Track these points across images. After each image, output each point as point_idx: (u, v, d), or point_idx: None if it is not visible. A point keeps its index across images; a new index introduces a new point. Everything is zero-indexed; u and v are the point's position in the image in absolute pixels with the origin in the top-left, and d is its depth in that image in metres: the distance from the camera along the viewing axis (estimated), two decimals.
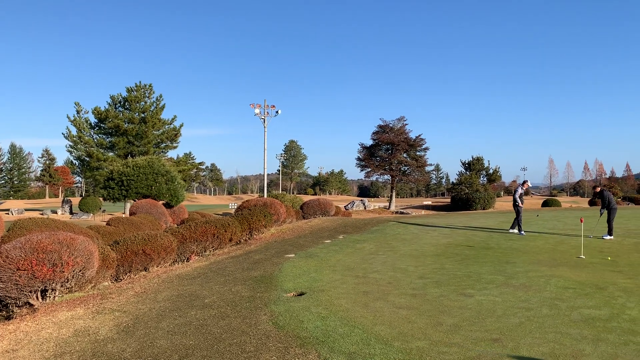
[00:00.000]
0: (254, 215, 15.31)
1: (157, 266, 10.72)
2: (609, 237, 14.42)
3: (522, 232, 16.07)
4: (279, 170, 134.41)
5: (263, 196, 41.41)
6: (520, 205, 16.28)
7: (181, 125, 51.63)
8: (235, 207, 20.11)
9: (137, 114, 49.50)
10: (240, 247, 13.59)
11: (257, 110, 44.50)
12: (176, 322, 6.35)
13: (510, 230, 16.26)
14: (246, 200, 19.25)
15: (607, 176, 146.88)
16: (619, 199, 50.03)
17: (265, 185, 47.77)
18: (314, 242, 13.87)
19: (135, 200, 27.41)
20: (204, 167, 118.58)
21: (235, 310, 6.76)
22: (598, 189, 16.03)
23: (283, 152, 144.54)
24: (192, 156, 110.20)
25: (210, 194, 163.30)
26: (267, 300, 7.28)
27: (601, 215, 15.25)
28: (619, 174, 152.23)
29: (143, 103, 50.51)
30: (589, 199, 61.00)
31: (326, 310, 6.56)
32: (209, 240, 12.47)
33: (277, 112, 45.30)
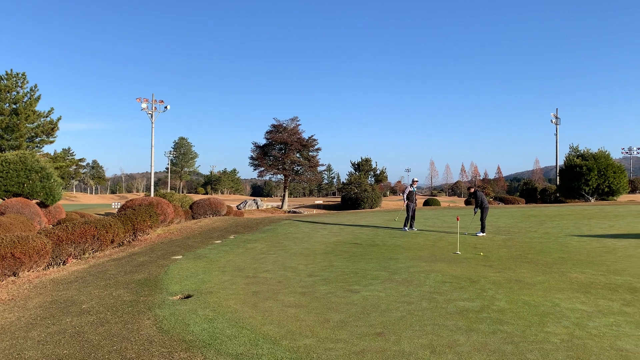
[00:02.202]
0: (138, 215, 14.59)
1: (29, 270, 9.81)
2: (482, 234, 15.64)
3: (406, 228, 16.93)
4: (167, 169, 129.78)
5: (150, 195, 39.64)
6: (408, 203, 17.16)
7: (59, 119, 47.71)
8: (119, 206, 19.02)
9: (7, 104, 45.03)
10: (123, 249, 12.89)
11: (144, 105, 42.57)
12: (48, 330, 5.85)
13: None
14: (130, 200, 18.30)
15: (481, 178, 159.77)
16: (491, 199, 54.42)
17: (152, 183, 45.86)
18: (203, 243, 13.54)
19: (4, 199, 24.92)
20: (84, 163, 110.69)
21: (116, 316, 6.38)
22: (472, 190, 17.33)
23: (172, 150, 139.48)
24: (71, 152, 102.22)
25: (91, 193, 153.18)
26: (152, 304, 6.96)
27: (475, 213, 16.50)
28: (492, 175, 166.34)
29: (15, 93, 46.02)
30: (465, 198, 65.86)
31: (214, 312, 6.42)
32: (88, 242, 11.66)
33: (165, 107, 43.69)
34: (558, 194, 51.66)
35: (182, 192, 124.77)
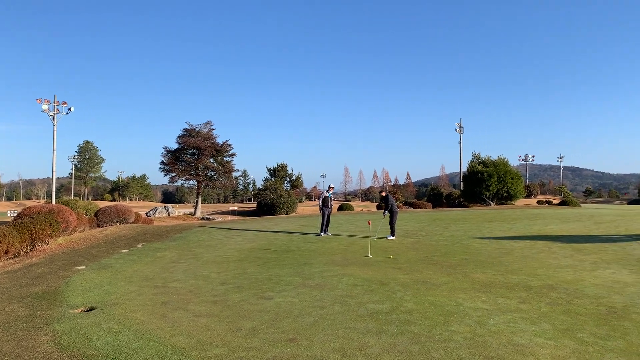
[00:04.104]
0: (37, 223, 13.60)
1: None
2: (391, 238, 16.16)
3: (322, 233, 17.12)
4: (71, 174, 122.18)
5: (51, 202, 37.15)
6: (323, 208, 17.37)
7: None
8: (15, 214, 17.62)
9: None
10: (19, 260, 11.94)
11: (45, 106, 39.89)
12: None
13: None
14: (29, 207, 17.01)
15: (392, 183, 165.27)
16: (401, 204, 56.51)
17: (54, 190, 43.01)
18: (108, 252, 12.87)
19: None
20: None
21: (9, 333, 5.87)
22: (384, 193, 17.89)
23: (77, 154, 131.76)
24: None
25: None
26: (50, 318, 6.49)
27: (384, 217, 17.04)
28: (402, 181, 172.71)
29: None
30: (377, 203, 67.85)
31: (119, 325, 6.10)
32: None
33: (69, 109, 41.21)
34: (462, 199, 54.64)
35: (87, 199, 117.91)
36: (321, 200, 17.67)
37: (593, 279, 9.53)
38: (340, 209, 48.72)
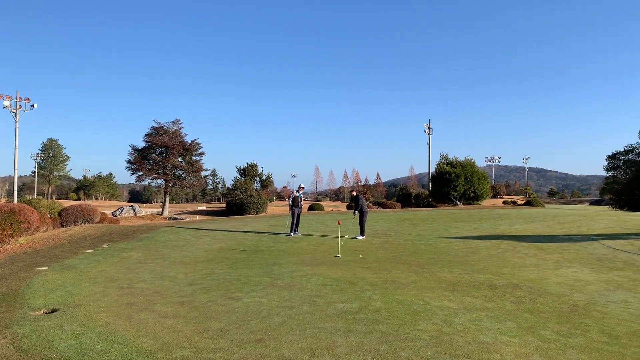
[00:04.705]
0: None
1: None
2: (361, 237, 16.25)
3: (292, 233, 17.09)
4: (34, 172, 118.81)
5: (12, 201, 36.03)
6: (293, 208, 17.35)
7: None
8: None
9: None
10: None
11: (6, 102, 38.71)
12: None
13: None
14: None
15: (362, 183, 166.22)
16: (370, 204, 56.88)
17: (16, 188, 41.77)
18: (72, 253, 12.55)
19: None
20: None
21: None
22: (354, 193, 17.97)
23: (40, 152, 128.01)
24: None
25: None
26: (9, 321, 6.28)
27: (354, 216, 17.13)
28: (372, 181, 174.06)
29: None
30: (347, 203, 68.14)
31: (82, 327, 5.95)
32: None
33: (32, 105, 40.09)
34: (430, 199, 55.34)
35: (51, 198, 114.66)
36: (291, 200, 17.64)
37: (556, 277, 9.79)
38: (311, 208, 48.71)
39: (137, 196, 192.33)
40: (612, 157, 54.56)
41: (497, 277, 9.61)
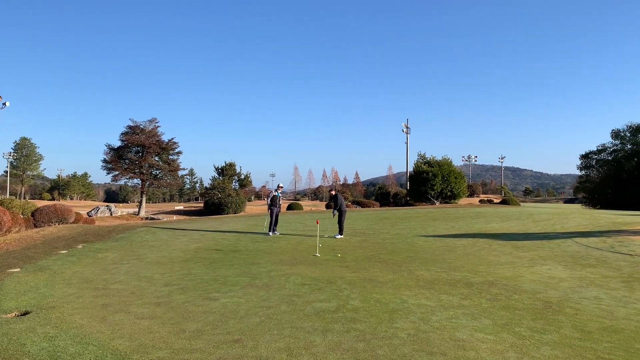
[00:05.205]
0: None
1: None
2: (339, 237, 16.29)
3: (270, 233, 17.04)
4: (7, 172, 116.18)
5: None
6: (272, 207, 17.30)
7: None
8: None
9: None
10: None
11: None
12: None
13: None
14: None
15: (341, 183, 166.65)
16: (349, 203, 57.02)
17: None
18: (46, 254, 12.31)
19: None
20: None
21: None
22: (333, 192, 18.01)
23: (13, 151, 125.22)
24: None
25: None
26: None
27: (333, 216, 17.17)
28: (351, 180, 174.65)
29: None
30: (326, 202, 68.23)
31: (56, 329, 5.83)
32: None
33: (4, 103, 39.17)
34: (408, 198, 55.78)
35: (24, 198, 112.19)
36: (270, 199, 17.60)
37: (530, 275, 9.95)
38: (290, 208, 48.66)
39: (113, 196, 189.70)
40: (585, 157, 55.75)
41: (473, 275, 9.73)
